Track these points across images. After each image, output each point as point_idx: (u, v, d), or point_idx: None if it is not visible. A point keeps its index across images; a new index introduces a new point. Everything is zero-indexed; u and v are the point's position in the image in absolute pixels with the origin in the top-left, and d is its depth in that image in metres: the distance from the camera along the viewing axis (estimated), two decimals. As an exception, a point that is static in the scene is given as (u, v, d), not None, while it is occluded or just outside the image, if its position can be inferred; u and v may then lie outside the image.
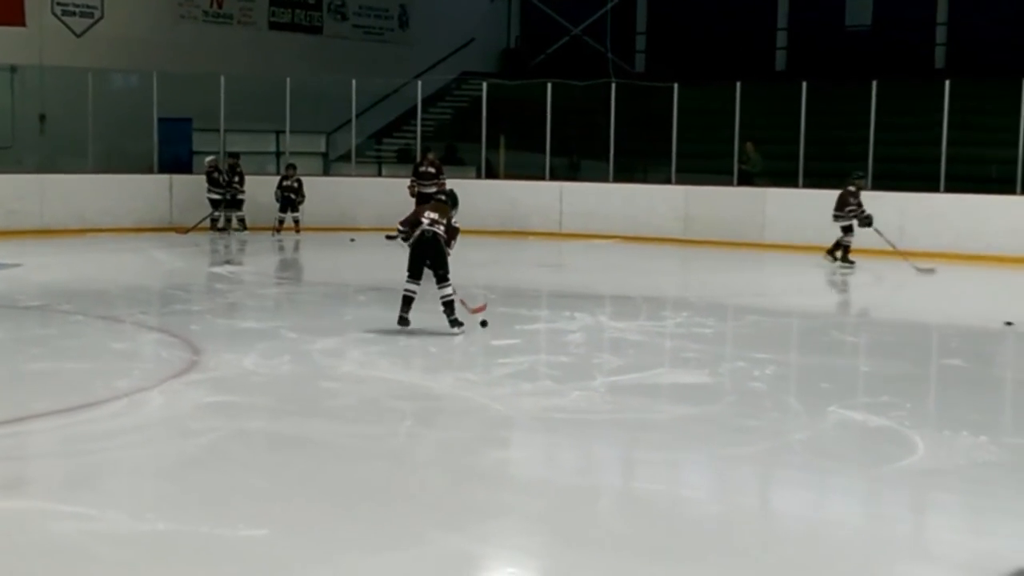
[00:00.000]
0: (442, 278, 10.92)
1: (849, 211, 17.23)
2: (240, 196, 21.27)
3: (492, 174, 24.50)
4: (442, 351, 10.31)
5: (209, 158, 21.50)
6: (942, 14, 26.52)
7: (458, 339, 10.74)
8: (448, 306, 10.94)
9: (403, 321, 10.94)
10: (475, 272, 13.77)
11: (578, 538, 5.51)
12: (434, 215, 11.05)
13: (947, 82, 20.11)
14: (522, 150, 24.91)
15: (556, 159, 23.52)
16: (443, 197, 11.60)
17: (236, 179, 21.24)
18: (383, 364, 9.52)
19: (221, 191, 21.13)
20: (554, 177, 23.16)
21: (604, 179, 23.06)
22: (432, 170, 20.13)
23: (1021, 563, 5.04)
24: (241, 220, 21.39)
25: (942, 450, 7.04)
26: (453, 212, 11.13)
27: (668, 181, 22.62)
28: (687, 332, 11.59)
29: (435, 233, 10.90)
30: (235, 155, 21.73)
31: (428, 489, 6.19)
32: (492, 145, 24.45)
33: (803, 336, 11.91)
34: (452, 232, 11.03)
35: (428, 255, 10.91)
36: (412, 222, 11.09)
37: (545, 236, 21.83)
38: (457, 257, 10.99)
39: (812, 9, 28.11)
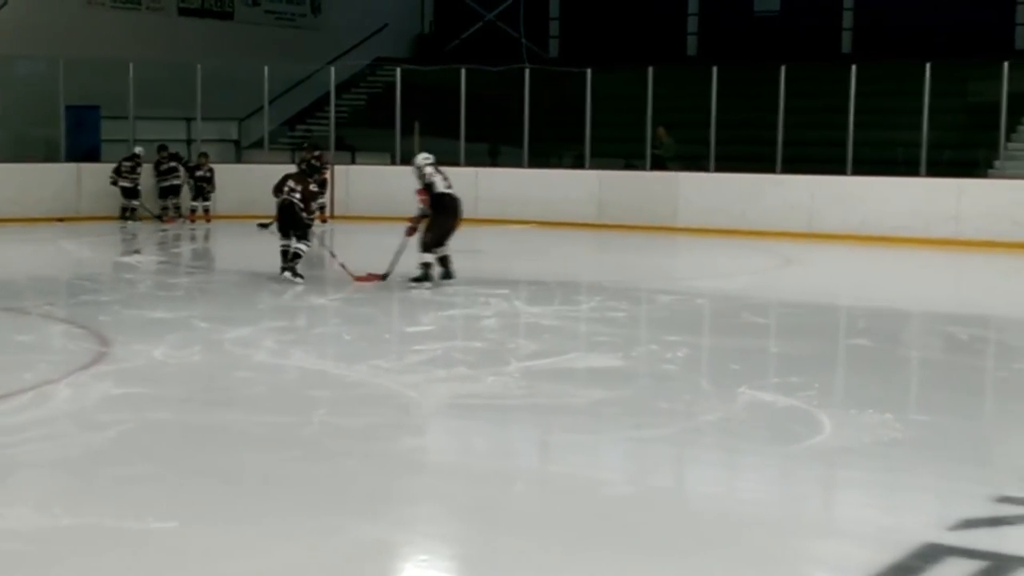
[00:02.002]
0: (300, 237, 13.22)
1: None
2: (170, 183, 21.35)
3: (407, 160, 24.39)
4: (356, 339, 10.29)
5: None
6: (848, -1, 26.93)
7: (372, 328, 10.75)
8: (296, 257, 13.19)
9: (284, 270, 13.18)
10: (388, 258, 13.72)
11: (494, 522, 5.52)
12: (292, 183, 13.25)
13: (853, 66, 20.40)
14: (437, 136, 24.83)
15: (471, 145, 23.51)
16: (304, 167, 14.57)
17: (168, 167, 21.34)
18: (296, 353, 9.48)
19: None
20: (469, 163, 23.14)
21: (519, 165, 23.12)
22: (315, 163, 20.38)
23: (925, 538, 5.12)
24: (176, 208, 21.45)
25: (849, 429, 7.15)
26: (312, 178, 13.67)
27: (582, 166, 22.73)
28: (601, 316, 11.66)
29: (291, 201, 13.10)
30: (164, 147, 21.65)
31: (342, 477, 6.17)
32: (407, 131, 24.37)
33: (715, 318, 12.03)
34: (310, 196, 13.46)
35: (286, 219, 13.16)
36: (277, 187, 13.34)
37: (460, 222, 21.77)
38: (374, 244, 11.08)
39: (722, -6, 28.42)
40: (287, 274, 13.17)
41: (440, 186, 13.44)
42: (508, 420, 7.57)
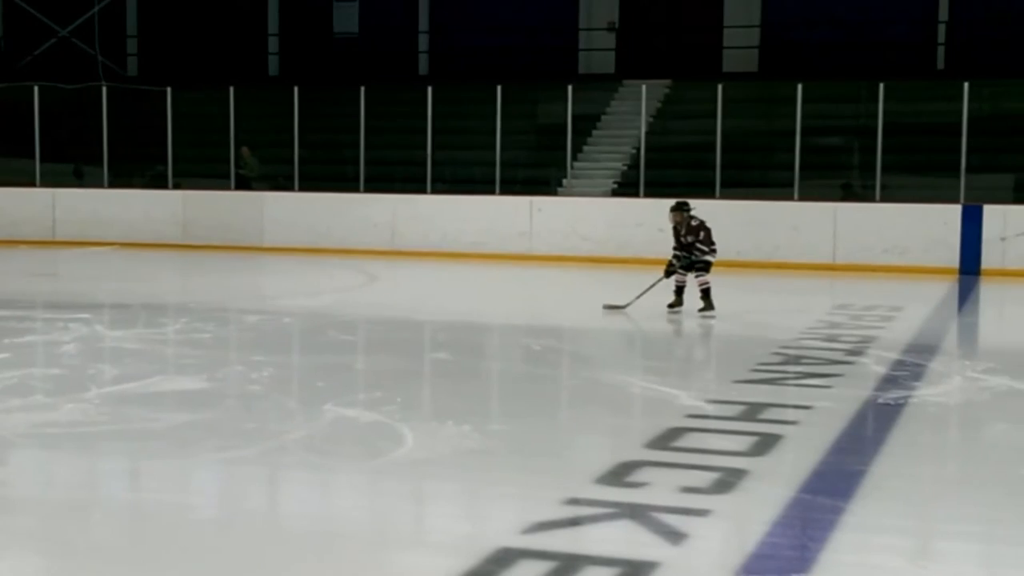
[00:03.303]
0: None
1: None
2: None
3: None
4: (-78, 371, 9.76)
5: None
6: (423, 22, 27.65)
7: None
8: None
9: None
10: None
11: (71, 554, 5.39)
12: None
13: (430, 88, 21.03)
14: (10, 156, 23.87)
15: (49, 165, 22.69)
16: None
17: None
18: None
19: None
20: (46, 183, 22.33)
21: (100, 184, 22.49)
22: None
23: (500, 543, 5.38)
24: None
25: (430, 440, 7.39)
26: None
27: (165, 186, 22.36)
28: (186, 338, 11.55)
29: None
30: None
31: (-92, 517, 5.88)
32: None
33: (301, 336, 12.15)
34: None
35: None
36: None
37: (38, 244, 21.02)
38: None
39: (301, 16, 28.54)
40: None
41: None
42: (89, 448, 7.39)
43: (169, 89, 22.32)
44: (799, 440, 7.55)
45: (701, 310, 13.08)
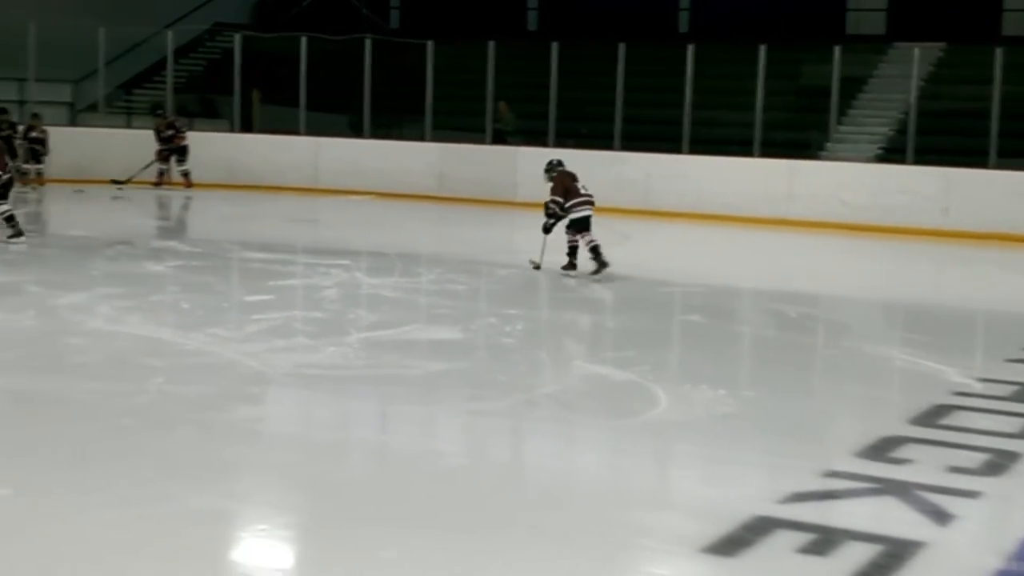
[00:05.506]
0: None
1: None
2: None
3: (247, 128, 24.13)
4: (194, 307, 10.13)
5: None
6: (686, -20, 27.28)
7: (210, 296, 10.63)
8: (7, 221, 13.12)
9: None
10: (227, 227, 13.56)
11: (330, 493, 5.50)
12: None
13: (690, 47, 20.72)
14: (277, 104, 24.62)
15: (313, 114, 23.32)
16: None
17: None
18: (132, 320, 9.30)
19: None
20: (310, 132, 22.95)
21: (360, 135, 23.01)
22: (171, 132, 21.45)
23: (755, 511, 5.25)
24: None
25: (682, 403, 7.30)
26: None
27: (423, 138, 22.71)
28: (441, 288, 11.70)
29: None
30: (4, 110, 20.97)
31: (177, 446, 6.08)
32: (246, 98, 24.08)
33: (552, 292, 12.14)
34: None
35: None
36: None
37: (300, 191, 21.63)
38: (209, 211, 10.90)
39: (562, -29, 28.55)
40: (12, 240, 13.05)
41: None
42: (347, 390, 7.55)
43: (430, 43, 22.61)
44: (1074, 424, 7.15)
45: (563, 267, 12.47)
